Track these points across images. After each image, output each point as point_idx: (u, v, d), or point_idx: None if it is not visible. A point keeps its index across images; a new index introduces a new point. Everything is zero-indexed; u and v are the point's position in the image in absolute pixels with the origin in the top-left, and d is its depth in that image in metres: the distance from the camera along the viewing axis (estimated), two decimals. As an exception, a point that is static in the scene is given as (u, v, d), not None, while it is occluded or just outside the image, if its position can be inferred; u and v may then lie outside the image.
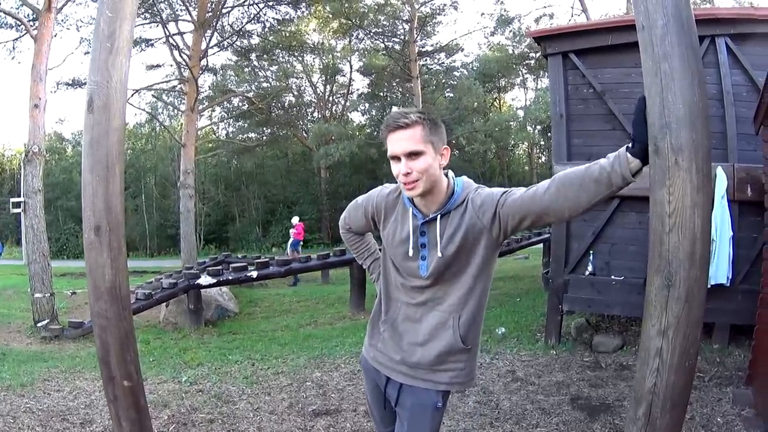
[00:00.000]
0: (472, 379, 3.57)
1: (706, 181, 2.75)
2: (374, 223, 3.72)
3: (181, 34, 31.99)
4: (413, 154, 3.14)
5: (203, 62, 32.75)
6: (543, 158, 60.17)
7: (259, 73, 50.82)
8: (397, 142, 3.17)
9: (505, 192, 3.22)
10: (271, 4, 37.00)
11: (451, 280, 3.36)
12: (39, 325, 14.32)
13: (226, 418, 7.17)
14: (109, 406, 3.98)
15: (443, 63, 54.78)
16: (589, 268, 10.29)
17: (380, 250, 3.82)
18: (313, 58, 54.16)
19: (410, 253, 3.39)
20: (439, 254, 3.28)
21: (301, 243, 33.18)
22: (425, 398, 3.47)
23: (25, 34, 18.94)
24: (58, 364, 10.37)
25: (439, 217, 3.30)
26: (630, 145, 2.87)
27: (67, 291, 21.06)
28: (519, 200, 3.11)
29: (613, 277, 10.04)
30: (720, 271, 8.73)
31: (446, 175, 3.37)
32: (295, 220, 32.05)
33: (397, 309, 3.59)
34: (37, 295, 14.54)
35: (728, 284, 8.81)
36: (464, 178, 3.45)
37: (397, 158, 3.20)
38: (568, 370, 8.93)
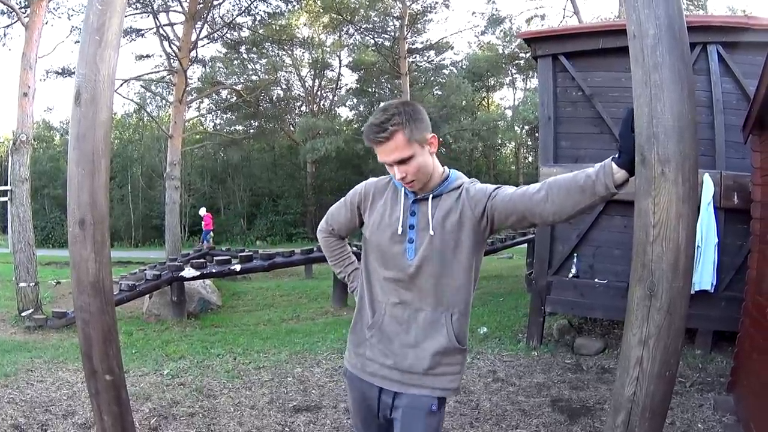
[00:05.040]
0: (458, 382, 3.43)
1: (692, 193, 2.75)
2: (359, 216, 3.65)
3: (171, 24, 32.05)
4: (402, 161, 3.16)
5: (193, 53, 32.81)
6: (530, 158, 60.27)
7: (248, 66, 50.70)
8: (384, 154, 3.19)
9: (497, 187, 3.23)
10: (262, -4, 36.98)
11: (438, 271, 3.26)
12: (23, 314, 14.25)
13: (207, 412, 7.17)
14: (91, 399, 3.98)
15: (433, 60, 54.75)
16: (573, 270, 10.31)
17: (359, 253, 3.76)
18: (303, 52, 54.31)
19: (399, 231, 3.32)
20: (431, 232, 3.24)
21: (211, 233, 33.39)
22: (419, 402, 3.32)
23: (17, 21, 18.92)
24: (41, 355, 10.37)
25: (431, 197, 3.29)
26: (617, 155, 2.84)
27: (52, 280, 21.00)
28: (508, 197, 3.12)
29: (596, 280, 10.07)
30: (704, 278, 8.77)
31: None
32: (202, 211, 32.65)
33: (382, 311, 3.44)
34: (22, 284, 14.47)
35: (712, 291, 8.86)
36: (457, 171, 3.46)
37: (389, 164, 3.22)
38: (549, 371, 8.96)
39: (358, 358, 3.56)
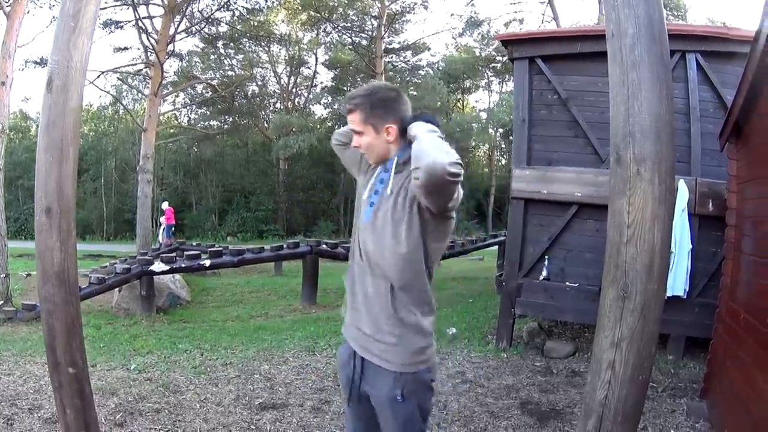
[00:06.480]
0: (407, 365, 3.37)
1: (668, 194, 2.73)
2: (359, 166, 3.88)
3: (150, 17, 31.90)
4: (357, 132, 3.53)
5: (170, 47, 32.85)
6: (503, 161, 60.34)
7: (225, 61, 50.77)
8: (348, 121, 3.57)
9: None
10: (242, -8, 37.03)
11: (380, 239, 3.38)
12: (-7, 306, 14.16)
13: (173, 409, 7.12)
14: (54, 393, 3.94)
15: (409, 61, 54.98)
16: (544, 273, 10.29)
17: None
18: (279, 49, 54.21)
19: (365, 195, 3.58)
20: (377, 201, 3.45)
21: (173, 228, 33.58)
22: (382, 390, 3.39)
23: (-2, 10, 18.73)
24: (9, 347, 10.33)
25: (393, 171, 3.46)
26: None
27: (23, 272, 20.91)
28: None
29: (567, 283, 10.06)
30: (677, 283, 8.78)
31: None
32: (164, 205, 32.48)
33: (353, 271, 3.60)
34: (-7, 275, 14.39)
35: (685, 296, 8.87)
36: None
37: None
38: (518, 374, 8.94)
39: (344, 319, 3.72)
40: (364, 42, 49.26)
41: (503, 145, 57.52)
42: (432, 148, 2.95)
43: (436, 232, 3.34)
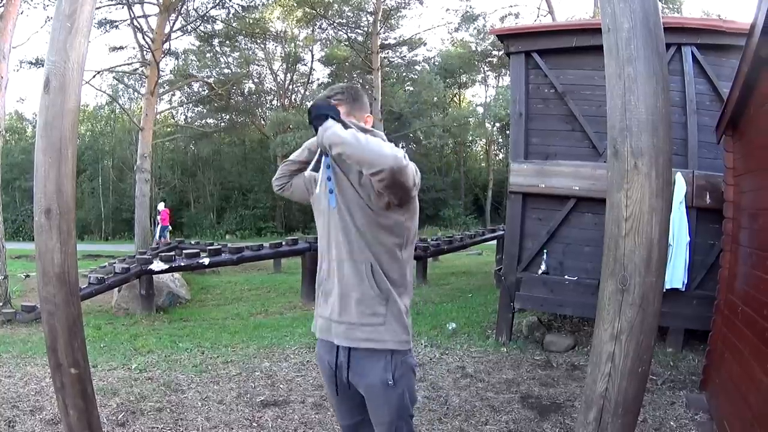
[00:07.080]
0: (397, 342, 3.48)
1: (665, 187, 2.73)
2: (307, 190, 3.99)
3: (145, 16, 31.91)
4: None
5: (166, 46, 32.83)
6: (500, 155, 60.38)
7: (221, 59, 50.78)
8: None
9: None
10: (237, -11, 36.97)
11: (355, 216, 3.46)
12: (-8, 308, 14.12)
13: (175, 407, 7.11)
14: (56, 394, 3.93)
15: (405, 56, 54.75)
16: (543, 267, 10.31)
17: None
18: (275, 46, 54.09)
19: (318, 189, 3.59)
20: (341, 184, 3.51)
21: (169, 228, 33.57)
22: (374, 378, 3.46)
23: (-8, 11, 18.69)
24: (9, 349, 10.29)
25: None
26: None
27: (21, 274, 20.86)
28: None
29: (566, 276, 10.07)
30: (676, 276, 8.78)
31: None
32: (161, 206, 32.51)
33: (326, 266, 3.65)
34: (-9, 277, 14.36)
35: (683, 289, 8.88)
36: None
37: None
38: (518, 368, 8.95)
39: (316, 317, 3.78)
40: (359, 38, 49.05)
41: (500, 140, 57.57)
42: (375, 148, 3.01)
43: (406, 212, 3.44)
